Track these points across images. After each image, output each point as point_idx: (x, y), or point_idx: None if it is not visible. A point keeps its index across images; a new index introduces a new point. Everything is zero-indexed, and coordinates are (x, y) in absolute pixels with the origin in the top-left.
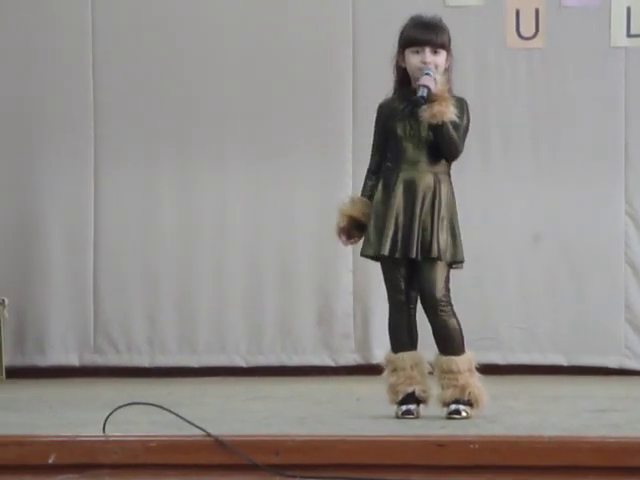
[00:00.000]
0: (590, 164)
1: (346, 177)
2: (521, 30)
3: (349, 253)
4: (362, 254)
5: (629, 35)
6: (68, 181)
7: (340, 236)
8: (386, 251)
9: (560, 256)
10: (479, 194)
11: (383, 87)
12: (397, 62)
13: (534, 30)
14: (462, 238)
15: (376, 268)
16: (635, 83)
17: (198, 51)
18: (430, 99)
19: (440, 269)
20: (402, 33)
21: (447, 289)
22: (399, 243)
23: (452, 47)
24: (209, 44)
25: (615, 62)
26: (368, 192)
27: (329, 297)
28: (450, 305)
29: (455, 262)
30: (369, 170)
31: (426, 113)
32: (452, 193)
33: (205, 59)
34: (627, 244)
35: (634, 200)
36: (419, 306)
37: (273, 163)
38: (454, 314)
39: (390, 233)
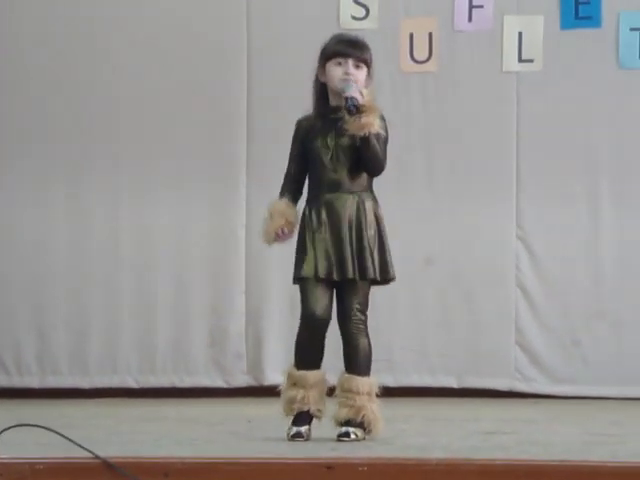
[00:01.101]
0: (482, 187)
1: (239, 198)
2: (415, 54)
3: (242, 273)
4: (298, 276)
5: (520, 60)
6: None
7: (280, 238)
8: (323, 273)
9: (451, 278)
10: None
11: (277, 109)
12: (316, 77)
13: (427, 54)
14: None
15: (269, 290)
16: (526, 107)
17: (92, 72)
18: (359, 109)
19: (365, 288)
20: (325, 47)
21: (366, 309)
22: (331, 266)
23: (372, 68)
24: (105, 67)
25: (507, 86)
26: (289, 195)
27: (222, 318)
28: (366, 326)
29: (385, 280)
30: (283, 186)
31: (352, 125)
32: (377, 209)
33: (101, 82)
34: (518, 267)
35: (525, 223)
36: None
37: (167, 182)
38: (367, 335)
39: (323, 256)
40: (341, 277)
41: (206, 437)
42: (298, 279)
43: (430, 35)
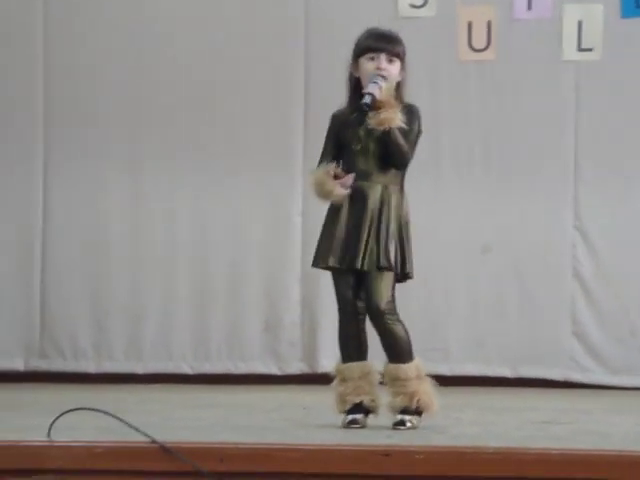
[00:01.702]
0: (540, 178)
1: (296, 186)
2: (473, 42)
3: (297, 261)
4: (314, 265)
5: (580, 49)
6: (17, 187)
7: (346, 180)
8: (332, 262)
9: (509, 269)
10: (430, 206)
11: (335, 100)
12: (350, 72)
13: (486, 42)
14: (413, 249)
15: (324, 278)
16: (585, 97)
17: (152, 61)
18: (376, 106)
19: (385, 279)
20: (358, 42)
21: (392, 299)
22: (346, 254)
23: (407, 61)
24: (164, 58)
25: (566, 76)
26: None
27: (276, 305)
28: (396, 314)
29: (404, 275)
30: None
31: (373, 120)
32: (403, 204)
33: (159, 69)
34: (575, 258)
35: (583, 214)
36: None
37: (222, 172)
38: (400, 322)
39: (338, 244)
40: (351, 267)
41: (261, 423)
42: (315, 266)
43: (489, 23)
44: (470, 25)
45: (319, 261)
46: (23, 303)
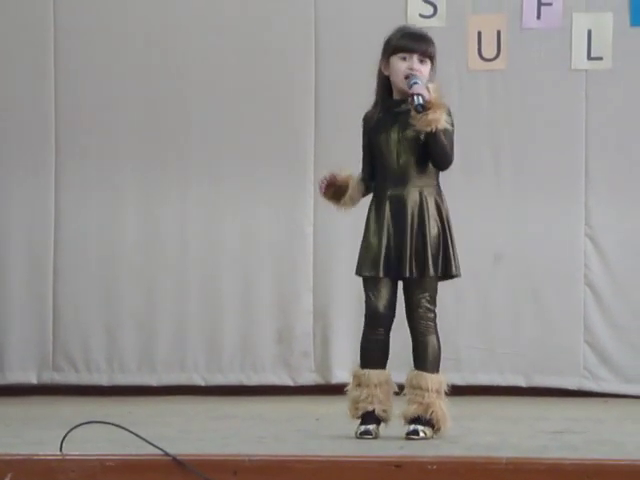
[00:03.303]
0: (550, 185)
1: (307, 196)
2: (483, 52)
3: (309, 272)
4: (358, 274)
5: (590, 58)
6: (29, 198)
7: (320, 181)
8: (382, 272)
9: (520, 277)
10: None
11: (345, 112)
12: (379, 70)
13: (496, 52)
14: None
15: (337, 288)
16: (595, 105)
17: (163, 69)
18: (426, 106)
19: (430, 284)
20: (389, 41)
21: (435, 305)
22: (392, 262)
23: (436, 63)
24: (174, 63)
25: (576, 84)
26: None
27: (289, 316)
28: (435, 322)
29: (449, 276)
30: (363, 166)
31: (420, 121)
32: (441, 205)
33: (170, 76)
34: (586, 265)
35: (593, 221)
36: (397, 324)
37: (235, 181)
38: (436, 332)
39: (383, 253)
40: (399, 275)
41: (274, 435)
42: (359, 275)
43: (498, 33)
44: (480, 35)
45: (363, 269)
46: (36, 316)
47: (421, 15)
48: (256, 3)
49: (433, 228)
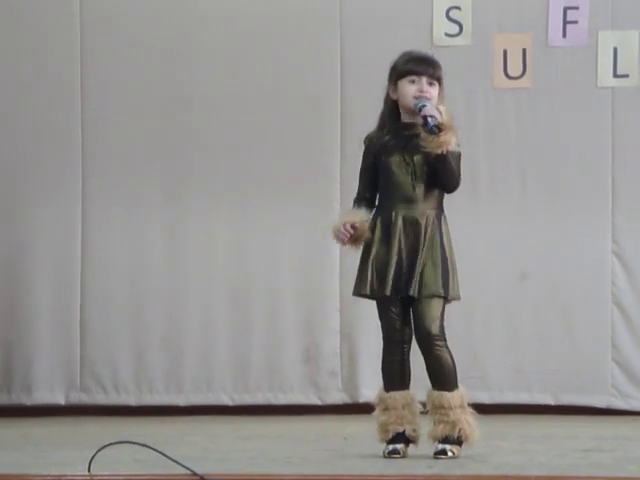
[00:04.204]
0: (577, 203)
1: (334, 215)
2: (508, 70)
3: (336, 291)
4: (357, 294)
5: (615, 75)
6: (56, 217)
7: (341, 233)
8: (388, 291)
9: (547, 295)
10: (466, 232)
11: (370, 126)
12: (387, 95)
13: (521, 70)
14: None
15: (363, 307)
16: (622, 123)
17: (186, 90)
18: (439, 129)
19: (437, 305)
20: (396, 65)
21: (443, 325)
22: (401, 282)
23: (444, 84)
24: (197, 84)
25: (602, 102)
26: (362, 205)
27: (316, 335)
28: (445, 340)
29: (453, 299)
30: (356, 200)
31: (432, 143)
32: (448, 229)
33: (194, 96)
34: (614, 283)
35: (621, 239)
36: (414, 344)
37: (261, 201)
38: (448, 350)
39: (391, 272)
40: (406, 294)
41: (302, 454)
42: (358, 295)
43: (524, 51)
44: (505, 53)
45: (365, 290)
46: (63, 337)
47: (447, 34)
48: (281, 22)
49: (442, 249)
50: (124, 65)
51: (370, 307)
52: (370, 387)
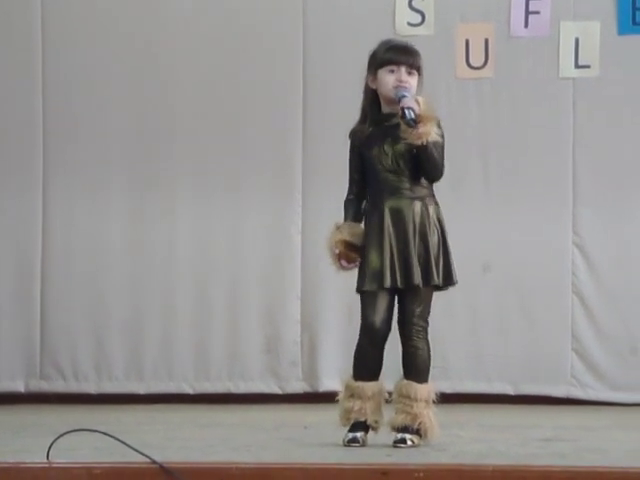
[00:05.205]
0: (539, 194)
1: (295, 205)
2: (471, 60)
3: (297, 281)
4: (361, 290)
5: (577, 66)
6: (16, 202)
7: (340, 262)
8: (388, 283)
9: (508, 285)
10: None
11: (332, 119)
12: (366, 84)
13: (483, 60)
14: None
15: (324, 296)
16: (583, 113)
17: (151, 80)
18: (417, 120)
19: (428, 294)
20: (375, 54)
21: (428, 316)
22: (398, 273)
23: (423, 75)
24: (164, 74)
25: (564, 92)
26: (352, 217)
27: (276, 325)
28: (426, 332)
29: (447, 285)
30: (348, 198)
31: (412, 135)
32: (439, 213)
33: (158, 89)
34: (574, 274)
35: (582, 230)
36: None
37: (223, 189)
38: (427, 342)
39: (388, 264)
40: (406, 284)
41: (262, 443)
42: (360, 291)
43: (486, 41)
44: (468, 43)
45: (367, 285)
46: (23, 325)
47: (409, 23)
48: (245, 10)
49: (434, 237)
50: (87, 45)
51: (331, 297)
52: (330, 377)
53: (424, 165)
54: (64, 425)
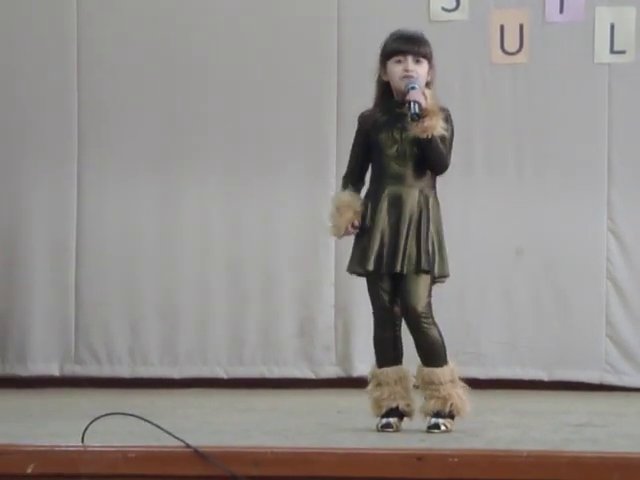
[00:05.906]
0: (573, 179)
1: (329, 191)
2: (505, 45)
3: (332, 265)
4: (350, 271)
5: (612, 51)
6: (51, 190)
7: (351, 228)
8: (371, 266)
9: (542, 271)
10: (462, 209)
11: (367, 102)
12: (379, 76)
13: (518, 45)
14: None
15: (358, 282)
16: (618, 99)
17: (184, 64)
18: (422, 114)
19: (423, 282)
20: (384, 46)
21: (429, 302)
22: (384, 258)
23: (435, 61)
24: (196, 58)
25: (598, 78)
26: (352, 187)
27: (311, 310)
28: (432, 317)
29: (441, 276)
30: (345, 177)
31: (417, 128)
32: (438, 207)
33: (191, 72)
34: (609, 260)
35: (616, 216)
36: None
37: (256, 176)
38: (436, 326)
39: (375, 248)
40: (390, 270)
41: (296, 427)
42: (352, 272)
43: (521, 26)
44: (502, 28)
45: (356, 266)
46: (58, 309)
47: (444, 9)
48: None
49: (430, 227)
50: (122, 34)
51: (365, 281)
52: (364, 361)
53: (429, 158)
54: (98, 409)
